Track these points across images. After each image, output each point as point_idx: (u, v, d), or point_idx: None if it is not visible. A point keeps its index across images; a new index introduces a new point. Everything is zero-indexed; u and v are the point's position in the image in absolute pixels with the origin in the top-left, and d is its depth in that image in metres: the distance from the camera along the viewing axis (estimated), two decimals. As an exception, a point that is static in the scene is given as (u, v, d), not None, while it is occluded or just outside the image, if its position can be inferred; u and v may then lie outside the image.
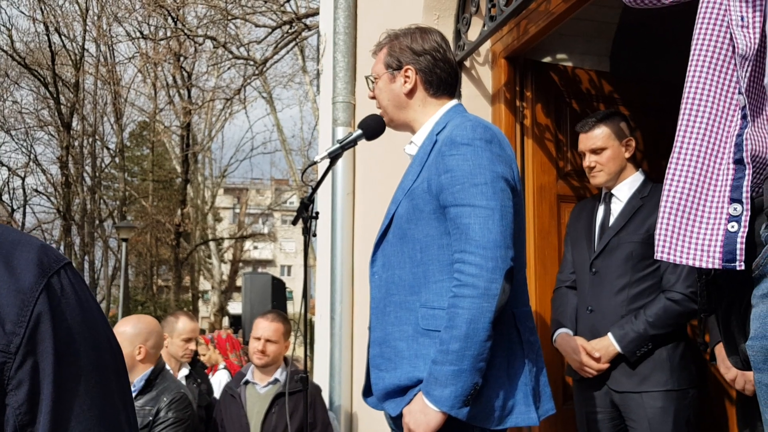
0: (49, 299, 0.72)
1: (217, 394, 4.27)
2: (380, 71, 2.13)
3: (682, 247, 1.17)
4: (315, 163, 2.30)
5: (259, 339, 3.44)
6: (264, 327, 3.47)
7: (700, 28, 1.21)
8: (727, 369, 2.33)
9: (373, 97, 2.18)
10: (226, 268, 26.79)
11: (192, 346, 4.08)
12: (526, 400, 1.87)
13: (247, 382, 3.47)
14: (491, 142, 1.89)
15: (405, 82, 2.10)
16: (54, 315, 0.72)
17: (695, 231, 1.16)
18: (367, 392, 2.21)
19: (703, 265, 1.15)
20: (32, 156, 24.09)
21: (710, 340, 2.42)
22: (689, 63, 1.21)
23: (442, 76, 2.11)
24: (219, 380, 5.32)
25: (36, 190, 24.80)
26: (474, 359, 1.75)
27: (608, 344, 2.56)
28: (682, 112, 1.21)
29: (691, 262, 1.16)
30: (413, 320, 1.90)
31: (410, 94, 2.11)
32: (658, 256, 1.20)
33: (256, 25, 13.77)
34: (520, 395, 1.87)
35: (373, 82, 2.17)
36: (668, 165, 1.21)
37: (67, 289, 0.75)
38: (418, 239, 1.91)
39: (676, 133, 1.22)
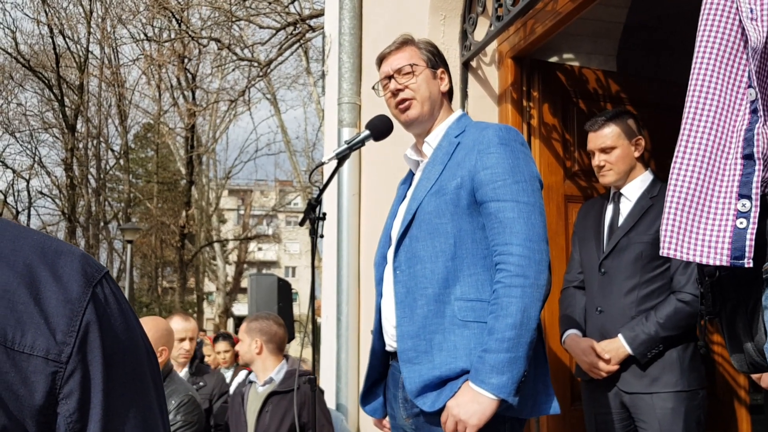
0: (95, 309, 0.74)
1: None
2: (421, 63, 2.15)
3: (688, 243, 1.15)
4: (323, 164, 2.30)
5: None
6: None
7: (707, 20, 1.18)
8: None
9: (400, 90, 2.14)
10: (230, 270, 26.81)
11: (186, 345, 4.08)
12: (547, 390, 1.95)
13: (251, 382, 3.51)
14: (524, 144, 2.02)
15: (441, 82, 2.18)
16: (101, 324, 0.74)
17: (702, 227, 1.14)
18: (365, 400, 2.22)
19: (710, 262, 1.12)
20: (37, 158, 24.13)
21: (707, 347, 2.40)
22: (695, 55, 1.19)
23: (453, 89, 2.26)
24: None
25: (41, 192, 24.84)
26: (527, 346, 1.81)
27: (619, 346, 2.55)
28: (687, 105, 1.19)
29: (697, 259, 1.14)
30: (448, 312, 1.93)
31: (444, 95, 2.20)
32: (663, 252, 1.17)
33: (260, 27, 13.78)
34: (541, 386, 1.94)
35: (409, 73, 2.14)
36: (673, 159, 1.19)
37: (110, 298, 0.77)
38: (452, 233, 1.96)
39: (682, 127, 1.19)
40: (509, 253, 1.86)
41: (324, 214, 2.28)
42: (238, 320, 25.80)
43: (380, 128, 2.23)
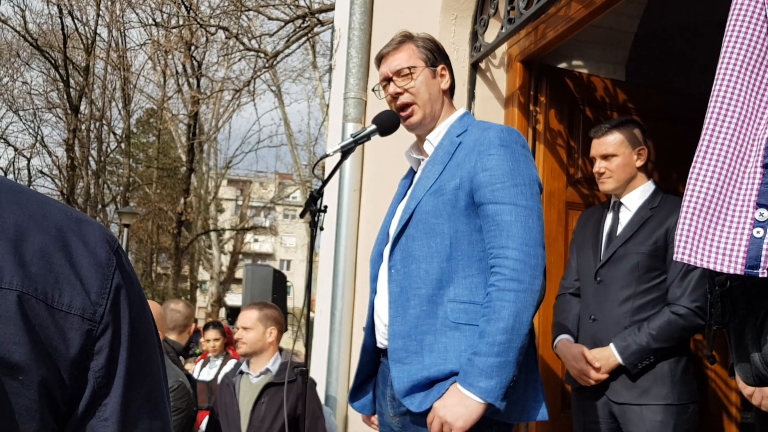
0: (121, 274, 0.80)
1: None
2: (419, 64, 2.11)
3: (703, 249, 1.14)
4: (327, 156, 2.29)
5: (238, 329, 3.48)
6: (240, 316, 3.54)
7: (734, 27, 1.17)
8: (745, 385, 2.29)
9: (400, 93, 2.11)
10: (225, 259, 26.80)
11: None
12: (536, 397, 1.93)
13: (242, 372, 3.49)
14: (525, 147, 1.99)
15: (442, 79, 2.14)
16: (126, 288, 0.80)
17: (717, 234, 1.13)
18: (354, 396, 2.22)
19: (725, 270, 1.11)
20: (39, 137, 24.13)
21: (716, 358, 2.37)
22: (720, 61, 1.18)
23: (455, 84, 2.21)
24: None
25: (41, 172, 24.82)
26: (518, 351, 1.80)
27: (609, 355, 2.54)
28: (709, 111, 1.18)
29: (712, 266, 1.13)
30: (441, 314, 1.91)
31: (445, 92, 2.16)
32: (677, 257, 1.16)
33: (269, 18, 13.77)
34: (531, 392, 1.93)
35: (408, 75, 2.11)
36: (692, 165, 1.18)
37: (127, 266, 0.83)
38: (449, 234, 1.94)
39: (703, 132, 1.18)
40: (504, 257, 1.84)
41: (325, 206, 2.27)
42: (231, 310, 25.77)
43: (387, 123, 2.21)
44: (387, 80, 2.15)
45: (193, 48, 17.89)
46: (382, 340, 2.08)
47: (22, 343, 0.70)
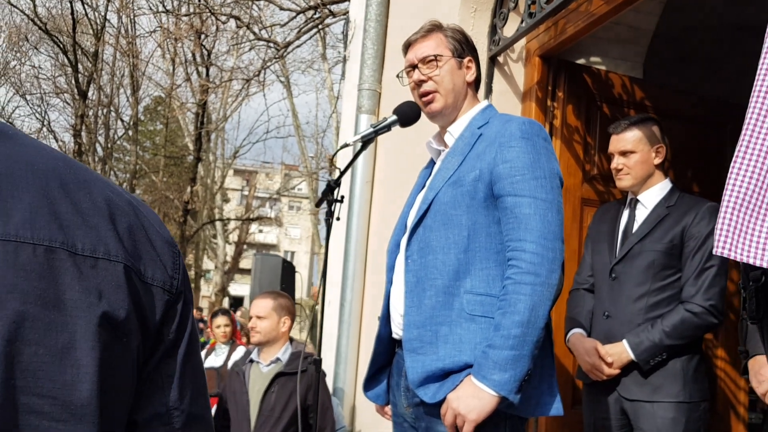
0: (180, 253, 0.90)
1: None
2: (446, 53, 2.10)
3: (742, 244, 1.14)
4: (348, 145, 2.29)
5: (251, 317, 3.49)
6: (254, 304, 3.55)
7: None
8: (759, 383, 2.28)
9: (423, 81, 2.11)
10: (230, 249, 26.81)
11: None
12: (551, 391, 1.93)
13: (252, 361, 3.50)
14: (547, 140, 1.97)
15: (467, 71, 2.14)
16: (184, 264, 0.90)
17: (757, 229, 1.13)
18: (368, 386, 2.21)
19: (763, 265, 1.11)
20: (46, 122, 24.12)
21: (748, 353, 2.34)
22: (763, 54, 1.17)
23: (480, 78, 2.21)
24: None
25: (47, 157, 24.81)
26: (533, 345, 1.79)
27: (622, 350, 2.54)
28: (751, 106, 1.17)
29: (750, 260, 1.12)
30: (457, 305, 1.91)
31: (470, 85, 2.16)
32: (717, 251, 1.16)
33: (281, 8, 13.72)
34: (546, 386, 1.92)
35: (433, 62, 2.09)
36: (733, 160, 1.18)
37: None
38: (467, 226, 1.93)
39: (744, 128, 1.18)
40: (522, 250, 1.83)
41: (342, 196, 2.28)
42: (235, 300, 25.85)
43: (409, 115, 2.21)
44: (412, 67, 2.14)
45: (203, 36, 17.83)
46: (397, 331, 2.08)
47: (128, 309, 0.79)
